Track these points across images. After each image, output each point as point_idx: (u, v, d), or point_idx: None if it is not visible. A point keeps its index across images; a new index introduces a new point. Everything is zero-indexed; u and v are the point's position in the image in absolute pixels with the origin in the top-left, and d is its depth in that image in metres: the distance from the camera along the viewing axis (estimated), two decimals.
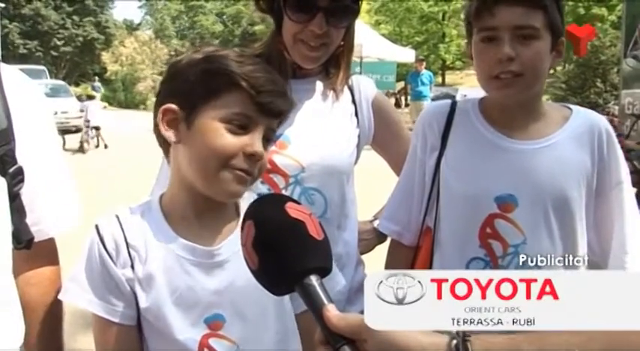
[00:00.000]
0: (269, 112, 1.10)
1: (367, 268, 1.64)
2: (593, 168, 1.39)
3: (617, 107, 9.36)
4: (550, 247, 1.36)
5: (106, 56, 36.38)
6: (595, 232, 1.44)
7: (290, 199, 0.85)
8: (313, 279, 0.77)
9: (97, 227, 1.12)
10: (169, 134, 1.12)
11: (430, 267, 1.48)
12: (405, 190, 1.56)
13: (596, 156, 1.39)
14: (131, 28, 54.47)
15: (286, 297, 1.14)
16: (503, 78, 1.33)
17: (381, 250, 1.68)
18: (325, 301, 0.75)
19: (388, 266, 1.58)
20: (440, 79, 38.82)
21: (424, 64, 15.72)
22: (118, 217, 1.14)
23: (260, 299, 1.11)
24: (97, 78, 31.74)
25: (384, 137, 1.66)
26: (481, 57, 1.36)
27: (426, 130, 1.50)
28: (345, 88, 1.60)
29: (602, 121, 1.44)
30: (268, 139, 1.14)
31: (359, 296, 1.44)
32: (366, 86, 1.64)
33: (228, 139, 1.07)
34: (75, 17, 42.82)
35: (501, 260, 1.36)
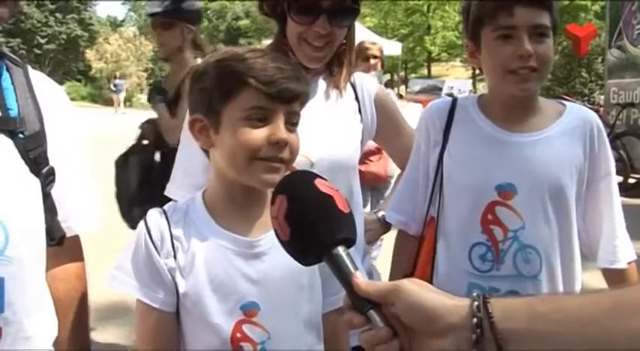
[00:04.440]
0: (284, 99, 1.15)
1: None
2: (584, 160, 1.48)
3: (602, 97, 9.41)
4: (547, 231, 1.44)
5: (90, 54, 36.07)
6: (583, 220, 1.52)
7: (318, 175, 0.88)
8: (340, 249, 0.81)
9: (145, 220, 1.20)
10: (201, 141, 1.20)
11: (434, 255, 1.56)
12: (410, 183, 1.64)
13: (588, 149, 1.48)
14: (115, 24, 54.08)
15: (320, 296, 1.23)
16: (521, 73, 1.41)
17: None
18: (352, 269, 0.79)
19: (395, 255, 1.67)
20: (425, 71, 38.93)
21: None
22: (164, 210, 1.22)
23: (294, 293, 1.19)
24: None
25: (386, 132, 1.72)
26: (498, 53, 1.43)
27: (429, 127, 1.58)
28: (348, 86, 1.65)
29: (593, 117, 1.53)
30: (293, 123, 1.19)
31: None
32: (368, 83, 1.70)
33: (251, 134, 1.13)
34: (58, 14, 42.40)
35: (502, 244, 1.44)
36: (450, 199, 1.53)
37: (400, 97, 7.61)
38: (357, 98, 1.66)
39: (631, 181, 7.75)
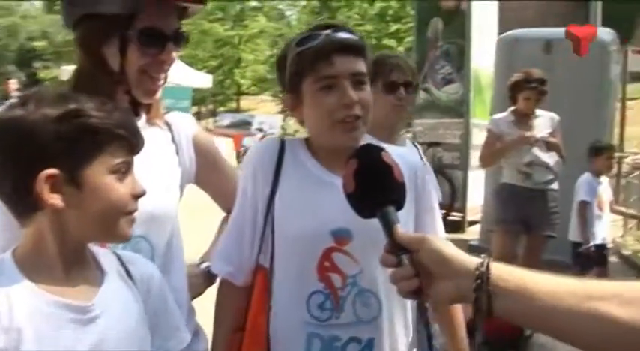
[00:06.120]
0: (137, 151, 1.18)
1: (198, 314, 1.63)
2: (411, 198, 1.49)
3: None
4: (383, 274, 1.42)
5: None
6: None
7: (383, 149, 1.18)
8: (391, 208, 1.08)
9: None
10: (56, 200, 1.08)
11: (269, 305, 1.49)
12: (236, 230, 1.56)
13: (414, 189, 1.51)
14: None
15: (150, 346, 1.22)
16: (349, 122, 1.41)
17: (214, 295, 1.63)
18: (396, 222, 1.05)
19: (219, 306, 1.58)
20: (235, 105, 38.96)
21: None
22: None
23: (130, 349, 1.16)
24: None
25: (207, 175, 1.66)
26: (322, 104, 1.42)
27: (257, 169, 1.52)
28: (165, 128, 1.57)
29: (417, 159, 1.65)
30: None
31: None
32: (184, 124, 1.62)
33: (121, 190, 1.13)
34: None
35: (341, 291, 1.44)
36: (282, 246, 1.48)
37: (208, 131, 7.22)
38: (173, 140, 1.57)
39: None
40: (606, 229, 5.17)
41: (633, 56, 7.68)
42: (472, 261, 0.92)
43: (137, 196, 1.16)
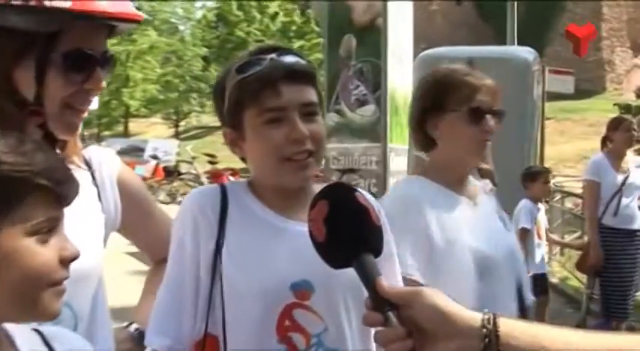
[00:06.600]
0: (67, 203, 1.00)
1: None
2: None
3: (322, 162, 9.46)
4: (349, 329, 1.38)
5: None
6: None
7: (357, 190, 1.03)
8: (370, 257, 0.94)
9: None
10: None
11: None
12: (174, 296, 1.39)
13: None
14: None
15: None
16: (299, 159, 1.35)
17: None
18: (376, 274, 0.91)
19: None
20: (122, 128, 37.21)
21: None
22: None
23: None
24: None
25: (135, 222, 1.54)
26: (268, 140, 1.35)
27: (198, 218, 1.39)
28: (84, 167, 1.42)
29: (374, 200, 1.48)
30: None
31: None
32: (106, 161, 1.48)
33: (44, 255, 0.95)
34: None
35: None
36: (234, 307, 1.34)
37: None
38: (94, 181, 1.43)
39: None
40: (545, 257, 5.20)
41: (549, 75, 7.62)
42: (476, 317, 0.83)
43: (67, 261, 0.97)
